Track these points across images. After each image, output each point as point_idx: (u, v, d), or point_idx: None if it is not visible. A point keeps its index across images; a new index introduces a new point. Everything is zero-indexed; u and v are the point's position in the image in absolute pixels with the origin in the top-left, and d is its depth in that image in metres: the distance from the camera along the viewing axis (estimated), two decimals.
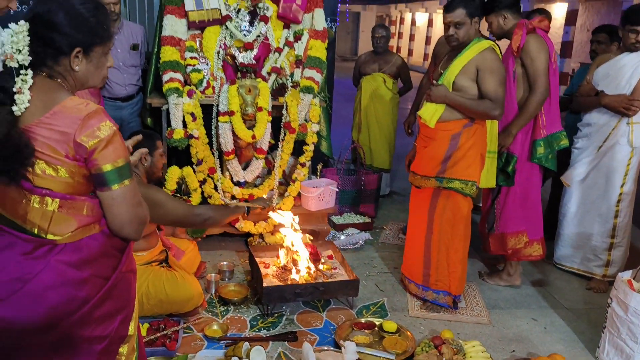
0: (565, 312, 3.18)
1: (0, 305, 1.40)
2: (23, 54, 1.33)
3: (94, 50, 1.45)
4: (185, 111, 3.50)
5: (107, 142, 1.37)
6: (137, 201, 1.48)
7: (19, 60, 1.33)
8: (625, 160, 3.28)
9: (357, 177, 4.50)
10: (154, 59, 3.73)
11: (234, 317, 2.94)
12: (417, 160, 3.04)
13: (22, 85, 1.33)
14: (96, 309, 1.46)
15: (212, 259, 3.57)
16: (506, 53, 3.17)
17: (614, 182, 3.32)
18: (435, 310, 3.10)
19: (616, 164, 3.30)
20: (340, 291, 3.05)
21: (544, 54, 3.05)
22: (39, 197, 1.37)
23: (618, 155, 3.28)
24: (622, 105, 3.18)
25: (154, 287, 2.71)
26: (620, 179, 3.30)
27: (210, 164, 3.62)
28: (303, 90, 3.69)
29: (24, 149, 1.31)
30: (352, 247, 3.95)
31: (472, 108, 2.80)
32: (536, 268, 3.75)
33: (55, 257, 1.40)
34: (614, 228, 3.37)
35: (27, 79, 1.34)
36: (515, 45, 3.07)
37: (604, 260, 3.43)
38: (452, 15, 2.80)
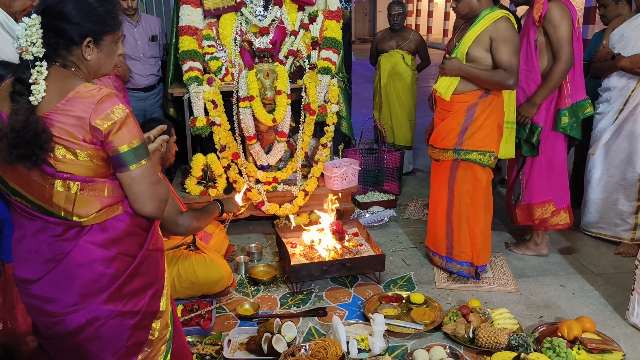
0: (594, 277, 3.17)
1: (36, 285, 1.50)
2: (37, 47, 1.39)
3: (104, 39, 1.51)
4: (206, 99, 3.58)
5: (121, 124, 1.43)
6: (155, 179, 1.53)
7: (34, 52, 1.39)
8: None
9: (379, 156, 4.53)
10: (173, 49, 3.81)
11: (264, 296, 3.02)
12: (435, 134, 3.05)
13: (38, 77, 1.40)
14: (125, 286, 1.54)
15: (240, 242, 3.66)
16: (527, 21, 3.14)
17: (637, 146, 3.27)
18: (462, 281, 3.13)
19: (637, 125, 3.25)
20: (367, 266, 3.10)
21: (567, 21, 2.98)
22: (61, 181, 1.43)
23: (638, 116, 3.24)
24: (638, 66, 3.15)
25: (184, 270, 2.80)
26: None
27: (234, 150, 3.70)
28: (320, 72, 3.72)
29: (42, 134, 1.37)
30: (377, 224, 3.99)
31: (486, 79, 2.79)
32: (564, 236, 3.73)
33: (83, 238, 1.48)
34: (639, 191, 3.32)
35: (42, 70, 1.40)
36: (537, 14, 3.01)
37: (631, 224, 3.40)
38: None
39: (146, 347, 1.60)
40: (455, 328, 2.57)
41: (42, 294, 1.50)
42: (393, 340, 2.59)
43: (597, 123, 3.44)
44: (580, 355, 2.35)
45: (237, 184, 3.71)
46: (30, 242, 1.49)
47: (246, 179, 3.73)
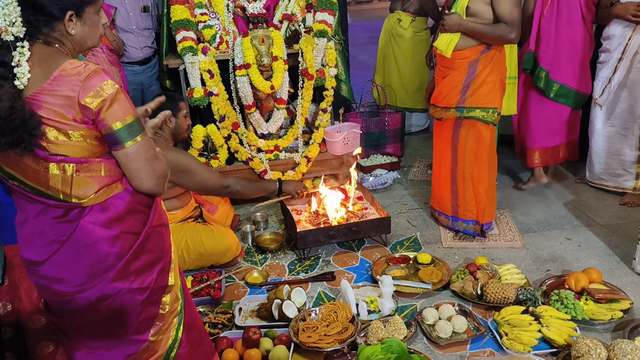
0: (600, 229, 3.18)
1: (43, 266, 1.50)
2: (17, 26, 1.33)
3: (86, 11, 1.45)
4: (202, 69, 3.52)
5: (112, 101, 1.39)
6: (152, 155, 1.50)
7: (14, 32, 1.33)
8: None
9: (380, 118, 4.48)
10: (165, 20, 3.73)
11: (272, 263, 3.05)
12: (437, 92, 3.00)
13: (21, 58, 1.34)
14: (132, 263, 1.53)
15: (246, 211, 3.67)
16: None
17: (636, 94, 3.24)
18: (468, 239, 3.14)
19: (637, 74, 3.21)
20: (373, 229, 3.11)
21: None
22: (55, 164, 1.40)
23: (638, 65, 3.20)
24: (630, 13, 3.09)
25: (192, 241, 2.82)
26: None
27: (233, 119, 3.66)
28: (317, 35, 3.65)
29: (30, 120, 1.32)
30: (381, 187, 3.98)
31: (487, 33, 2.73)
32: (568, 189, 3.73)
33: (84, 219, 1.46)
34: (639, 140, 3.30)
35: (25, 51, 1.35)
36: None
37: (633, 174, 3.39)
38: None
39: (158, 322, 1.62)
40: (463, 285, 2.59)
41: (50, 274, 1.50)
42: (402, 301, 2.62)
43: (599, 72, 3.40)
44: (588, 306, 2.38)
45: (239, 153, 3.68)
46: (33, 224, 1.48)
47: (247, 148, 3.71)
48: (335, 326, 2.34)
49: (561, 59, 3.47)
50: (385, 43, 4.93)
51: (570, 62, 3.48)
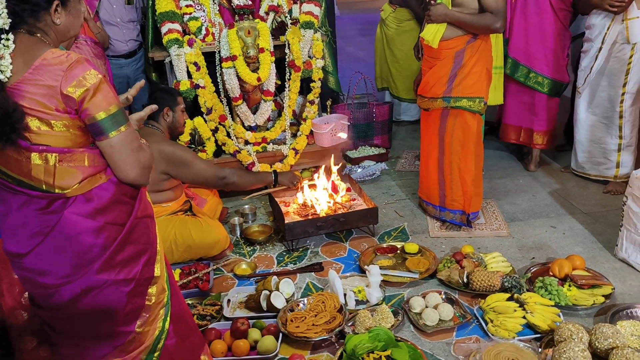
0: (584, 217, 3.22)
1: (27, 258, 1.49)
2: (2, 18, 1.32)
3: (71, 0, 1.45)
4: (188, 61, 3.50)
5: (95, 90, 1.38)
6: (136, 146, 1.50)
7: (0, 24, 1.32)
8: (626, 59, 3.22)
9: (368, 110, 4.49)
10: (150, 12, 3.70)
11: (260, 255, 3.06)
12: (424, 83, 3.02)
13: (4, 51, 1.33)
14: (117, 254, 1.53)
15: (234, 204, 3.67)
16: None
17: (616, 83, 3.29)
18: (455, 229, 3.17)
19: (616, 63, 3.26)
20: (361, 220, 3.13)
21: None
22: (38, 154, 1.39)
23: (618, 54, 3.24)
24: (606, 2, 3.13)
25: (181, 234, 2.82)
26: (622, 78, 3.26)
27: (220, 112, 3.65)
28: (303, 26, 3.64)
29: (13, 114, 1.32)
30: (369, 179, 4.00)
31: (473, 23, 2.74)
32: (554, 178, 3.77)
33: (68, 210, 1.45)
34: (620, 129, 3.35)
35: (9, 44, 1.34)
36: None
37: (614, 162, 3.45)
38: None
39: (144, 313, 1.62)
40: (449, 274, 2.62)
41: (34, 266, 1.49)
42: (389, 290, 2.65)
43: (581, 61, 3.45)
44: (571, 292, 2.42)
45: (227, 146, 3.68)
46: (16, 216, 1.47)
47: (235, 140, 3.71)
48: (323, 316, 2.36)
49: (531, 47, 3.61)
50: (379, 32, 5.02)
51: (541, 50, 3.61)
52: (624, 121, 3.33)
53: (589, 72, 3.36)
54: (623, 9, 3.11)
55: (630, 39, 3.15)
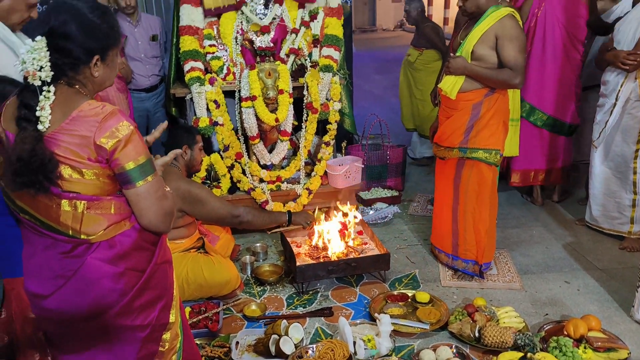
0: (599, 273, 3.18)
1: (49, 300, 1.51)
2: (45, 71, 1.37)
3: (109, 54, 1.51)
4: (209, 99, 3.57)
5: (126, 142, 1.42)
6: (161, 194, 1.53)
7: (42, 77, 1.37)
8: (639, 116, 3.24)
9: (382, 152, 4.52)
10: (174, 49, 3.80)
11: (270, 296, 3.04)
12: (440, 132, 3.04)
13: (45, 102, 1.38)
14: (135, 300, 1.55)
15: (246, 242, 3.67)
16: None
17: (629, 139, 3.30)
18: (467, 278, 3.14)
19: (630, 120, 3.28)
20: (372, 266, 3.11)
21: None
22: (68, 201, 1.43)
23: (632, 110, 3.26)
24: (618, 60, 3.17)
25: (192, 272, 2.82)
26: (636, 134, 3.27)
27: (237, 149, 3.70)
28: (322, 70, 3.71)
29: (49, 164, 1.36)
30: (381, 222, 4.00)
31: (491, 78, 2.78)
32: (567, 230, 3.74)
33: (91, 255, 1.48)
34: (634, 184, 3.35)
35: (50, 96, 1.39)
36: None
37: (628, 217, 3.42)
38: None
39: (156, 359, 1.62)
40: (461, 327, 2.59)
41: (55, 308, 1.51)
42: (399, 340, 2.61)
43: (597, 115, 3.48)
44: (587, 354, 2.37)
45: (241, 183, 3.71)
46: (40, 258, 1.50)
47: (250, 178, 3.74)
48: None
49: (545, 91, 3.81)
50: (404, 77, 5.28)
51: (554, 95, 3.81)
52: (637, 177, 3.32)
53: (604, 127, 3.38)
54: (636, 67, 3.14)
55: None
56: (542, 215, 4.03)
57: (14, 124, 1.40)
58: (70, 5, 1.42)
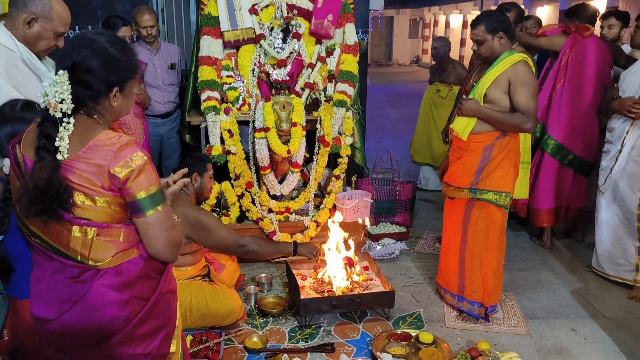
0: (606, 322, 3.13)
1: (53, 324, 1.53)
2: (66, 103, 1.42)
3: (128, 85, 1.56)
4: (223, 128, 3.63)
5: (139, 171, 1.46)
6: (170, 224, 1.56)
7: (63, 109, 1.42)
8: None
9: (392, 187, 4.54)
10: (192, 78, 3.88)
11: (273, 328, 3.03)
12: (451, 172, 3.06)
13: (64, 133, 1.42)
14: (138, 328, 1.56)
15: (251, 271, 3.68)
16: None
17: (635, 186, 3.30)
18: (472, 321, 3.11)
19: (636, 167, 3.28)
20: (376, 302, 3.10)
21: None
22: (78, 227, 1.46)
23: (637, 158, 3.27)
24: (624, 108, 3.21)
25: (196, 301, 2.83)
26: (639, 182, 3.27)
27: (248, 179, 3.74)
28: (336, 104, 3.77)
29: (64, 193, 1.40)
30: (387, 258, 3.98)
31: (503, 121, 2.81)
32: (575, 276, 3.70)
33: (97, 281, 1.51)
34: (639, 231, 3.32)
35: (70, 127, 1.43)
36: None
37: (633, 265, 3.39)
38: (473, 32, 2.89)
39: None
40: None
41: (59, 332, 1.53)
42: None
43: (602, 161, 3.51)
44: None
45: (250, 212, 3.73)
46: (49, 281, 1.53)
47: (259, 208, 3.76)
48: None
49: (573, 130, 3.86)
50: (426, 112, 5.44)
51: (581, 135, 3.88)
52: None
53: (609, 173, 3.39)
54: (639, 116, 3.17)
55: None
56: (550, 259, 4.00)
57: (33, 152, 1.44)
58: (92, 40, 1.48)
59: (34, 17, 2.12)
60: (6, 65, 2.08)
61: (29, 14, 2.12)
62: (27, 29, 2.14)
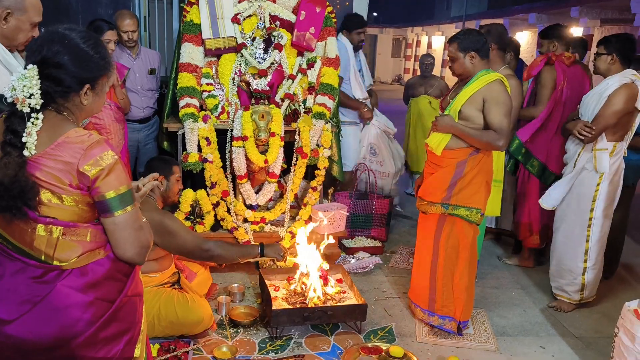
0: (574, 341, 3.17)
1: (11, 325, 1.48)
2: (35, 98, 1.39)
3: (99, 83, 1.54)
4: (201, 135, 3.61)
5: (109, 170, 1.44)
6: (138, 226, 1.54)
7: (31, 104, 1.39)
8: (594, 186, 3.30)
9: (368, 201, 4.55)
10: (172, 84, 3.87)
11: (243, 339, 2.99)
12: (424, 187, 3.08)
13: (32, 129, 1.39)
14: (101, 331, 1.52)
15: (224, 281, 3.63)
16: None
17: (584, 207, 3.35)
18: (443, 336, 3.12)
19: (585, 189, 3.34)
20: (348, 315, 3.08)
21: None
22: (44, 226, 1.43)
23: (586, 181, 3.32)
24: (576, 130, 3.28)
25: (165, 309, 2.78)
26: (589, 203, 3.33)
27: (224, 187, 3.71)
28: (315, 116, 3.78)
29: (29, 191, 1.37)
30: (362, 271, 3.98)
31: (476, 138, 2.85)
32: (546, 295, 3.74)
33: (61, 282, 1.47)
34: (585, 252, 3.38)
35: (38, 123, 1.40)
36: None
37: (579, 285, 3.44)
38: (448, 49, 2.97)
39: None
40: None
41: (17, 334, 1.48)
42: None
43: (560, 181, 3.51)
44: None
45: (225, 222, 3.70)
46: (8, 281, 1.48)
47: (234, 217, 3.74)
48: None
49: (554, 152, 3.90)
50: (416, 122, 5.70)
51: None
52: (590, 245, 3.36)
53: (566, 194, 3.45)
54: (591, 139, 3.23)
55: (598, 168, 3.26)
56: (522, 277, 4.04)
57: None
58: (63, 35, 1.45)
59: (9, 11, 2.10)
60: None
61: (3, 9, 2.10)
62: (4, 24, 2.11)
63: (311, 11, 3.89)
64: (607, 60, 3.29)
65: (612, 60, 3.27)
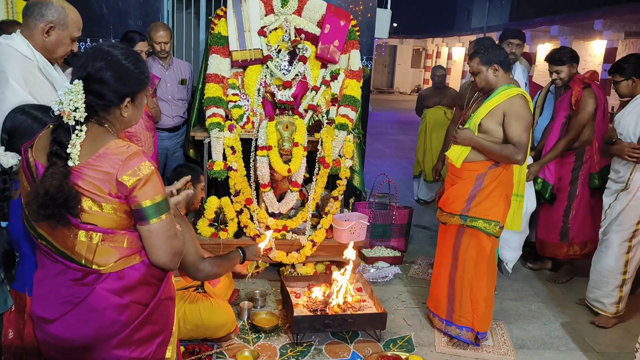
0: (596, 356, 3.16)
1: (54, 324, 1.57)
2: (80, 112, 1.48)
3: (138, 97, 1.63)
4: (226, 144, 3.70)
5: (146, 180, 1.52)
6: (172, 233, 1.61)
7: (76, 117, 1.48)
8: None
9: (388, 212, 4.60)
10: (198, 94, 3.97)
11: (264, 344, 3.05)
12: (444, 198, 3.13)
13: (76, 140, 1.48)
14: (136, 332, 1.60)
15: (246, 287, 3.71)
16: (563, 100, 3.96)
17: (632, 221, 3.35)
18: (462, 346, 3.14)
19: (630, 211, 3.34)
20: (368, 324, 3.13)
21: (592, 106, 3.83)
22: (85, 232, 1.51)
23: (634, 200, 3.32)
24: (625, 153, 3.28)
25: (190, 312, 2.86)
26: (637, 217, 3.33)
27: (247, 195, 3.79)
28: (338, 127, 3.85)
29: (72, 200, 1.46)
30: (381, 281, 4.02)
31: (494, 151, 2.89)
32: (567, 309, 3.73)
33: (100, 285, 1.55)
34: (625, 264, 3.39)
35: (82, 135, 1.49)
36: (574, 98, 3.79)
37: (616, 297, 3.44)
38: (470, 63, 3.02)
39: None
40: None
41: (58, 333, 1.57)
42: None
43: (604, 197, 3.54)
44: None
45: (248, 229, 3.78)
46: (51, 282, 1.57)
47: (257, 224, 3.81)
48: None
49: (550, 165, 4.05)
50: (431, 131, 5.84)
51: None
52: (630, 255, 3.36)
53: (608, 208, 3.45)
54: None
55: None
56: (543, 291, 4.04)
57: (45, 157, 1.50)
58: (107, 52, 1.55)
59: (52, 25, 2.21)
60: (23, 72, 2.16)
61: (47, 23, 2.21)
62: (46, 37, 2.22)
63: (335, 24, 3.97)
64: (628, 85, 3.36)
65: (634, 83, 3.32)
